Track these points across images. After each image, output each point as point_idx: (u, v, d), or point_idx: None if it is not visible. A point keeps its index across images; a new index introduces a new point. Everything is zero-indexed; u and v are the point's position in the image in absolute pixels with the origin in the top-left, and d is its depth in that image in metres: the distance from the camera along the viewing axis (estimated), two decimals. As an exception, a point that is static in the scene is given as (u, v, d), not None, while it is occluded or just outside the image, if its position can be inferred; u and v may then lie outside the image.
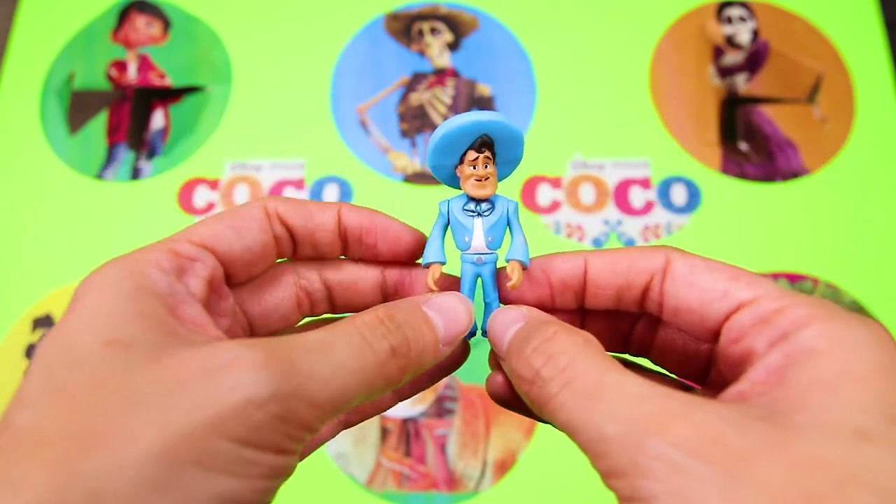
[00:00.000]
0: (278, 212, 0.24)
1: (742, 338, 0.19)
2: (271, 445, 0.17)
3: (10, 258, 0.60)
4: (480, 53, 0.66)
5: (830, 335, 0.18)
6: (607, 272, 0.23)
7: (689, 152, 0.61)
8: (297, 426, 0.18)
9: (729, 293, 0.20)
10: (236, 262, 0.23)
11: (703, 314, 0.21)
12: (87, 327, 0.19)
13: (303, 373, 0.18)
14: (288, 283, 0.26)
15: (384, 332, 0.20)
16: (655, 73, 0.64)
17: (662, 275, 0.22)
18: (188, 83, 0.66)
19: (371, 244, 0.25)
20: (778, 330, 0.18)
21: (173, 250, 0.21)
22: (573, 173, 0.61)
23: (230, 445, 0.17)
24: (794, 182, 0.60)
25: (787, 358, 0.18)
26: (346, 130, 0.64)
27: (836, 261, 0.57)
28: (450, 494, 0.52)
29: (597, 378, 0.18)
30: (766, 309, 0.19)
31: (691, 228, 0.59)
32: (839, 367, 0.17)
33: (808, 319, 0.18)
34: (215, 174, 0.62)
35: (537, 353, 0.20)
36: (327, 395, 0.18)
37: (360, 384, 0.19)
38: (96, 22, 0.69)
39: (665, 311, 0.22)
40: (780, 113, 0.63)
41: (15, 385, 0.57)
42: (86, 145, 0.64)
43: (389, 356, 0.20)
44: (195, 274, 0.21)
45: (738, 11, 0.66)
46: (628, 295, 0.23)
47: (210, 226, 0.23)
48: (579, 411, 0.18)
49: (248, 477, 0.17)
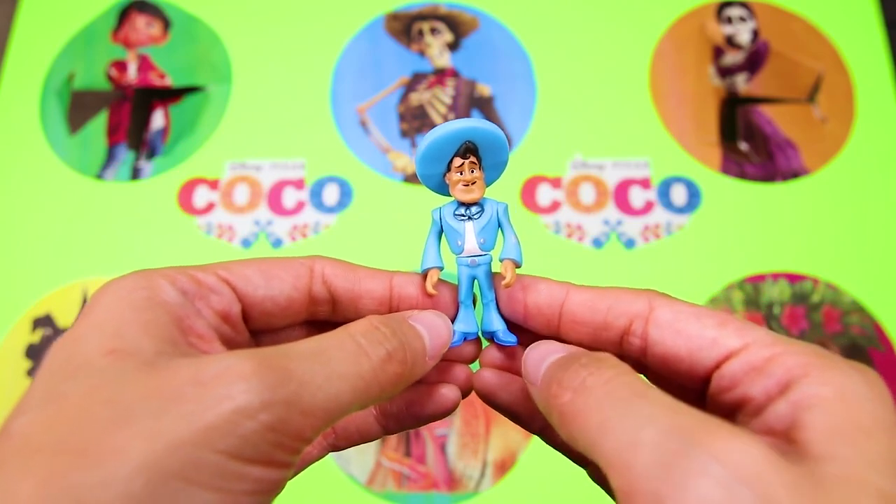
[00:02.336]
0: (324, 273, 0.24)
1: (735, 386, 0.19)
2: (262, 457, 0.17)
3: (10, 258, 0.60)
4: (480, 53, 0.66)
5: (833, 384, 0.17)
6: (586, 308, 0.23)
7: (689, 152, 0.61)
8: (290, 436, 0.17)
9: (718, 341, 0.20)
10: (256, 306, 0.23)
11: (692, 363, 0.20)
12: (92, 335, 0.19)
13: (295, 380, 0.18)
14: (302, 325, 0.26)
15: (380, 338, 0.20)
16: (655, 73, 0.64)
17: (645, 321, 0.22)
18: (188, 83, 0.66)
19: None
20: (773, 379, 0.18)
21: (195, 276, 0.21)
22: (573, 173, 0.61)
23: (217, 458, 0.16)
24: (794, 182, 0.60)
25: (794, 405, 0.17)
26: (346, 130, 0.64)
27: (836, 261, 0.57)
28: (450, 494, 0.52)
29: (640, 389, 0.18)
30: (758, 357, 0.19)
31: (691, 228, 0.59)
32: (850, 417, 0.17)
33: (805, 368, 0.18)
34: (215, 174, 0.62)
35: (583, 367, 0.19)
36: (320, 402, 0.18)
37: (354, 390, 0.19)
38: (96, 22, 0.69)
39: (651, 359, 0.22)
40: (780, 113, 0.63)
41: (15, 385, 0.57)
42: (86, 145, 0.64)
43: (385, 361, 0.20)
44: (209, 303, 0.21)
45: (738, 11, 0.66)
46: (605, 335, 0.23)
47: (242, 265, 0.23)
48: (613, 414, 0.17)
49: (234, 492, 0.16)
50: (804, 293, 0.57)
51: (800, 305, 0.56)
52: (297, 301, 0.23)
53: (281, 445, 0.17)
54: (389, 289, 0.24)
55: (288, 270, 0.23)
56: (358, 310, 0.24)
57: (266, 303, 0.23)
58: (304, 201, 0.61)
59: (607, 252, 0.58)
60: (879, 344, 0.55)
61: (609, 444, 0.16)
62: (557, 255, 0.58)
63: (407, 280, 0.25)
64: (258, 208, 0.61)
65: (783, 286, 0.57)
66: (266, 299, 0.23)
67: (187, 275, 0.21)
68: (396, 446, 0.54)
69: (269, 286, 0.23)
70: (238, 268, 0.23)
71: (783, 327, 0.56)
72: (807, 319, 0.56)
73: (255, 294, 0.23)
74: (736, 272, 0.57)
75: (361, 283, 0.24)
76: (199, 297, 0.21)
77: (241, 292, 0.22)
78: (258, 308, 0.23)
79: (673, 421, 0.16)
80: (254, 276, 0.23)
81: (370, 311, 0.24)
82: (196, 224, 0.61)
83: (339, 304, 0.24)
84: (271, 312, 0.23)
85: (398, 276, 0.25)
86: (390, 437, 0.54)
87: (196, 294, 0.21)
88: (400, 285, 0.25)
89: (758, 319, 0.56)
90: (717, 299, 0.57)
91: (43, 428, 0.17)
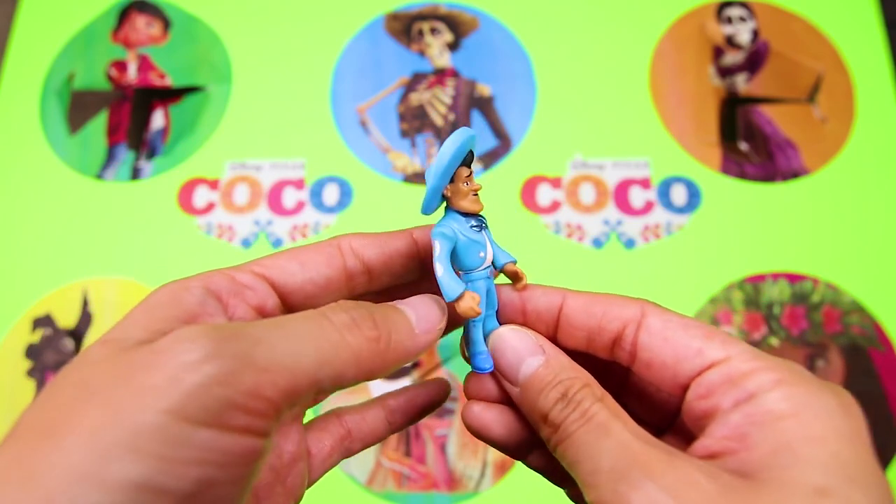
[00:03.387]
0: (353, 246, 0.25)
1: (710, 395, 0.20)
2: (209, 417, 0.16)
3: (10, 258, 0.60)
4: (480, 53, 0.66)
5: (793, 399, 0.19)
6: (581, 312, 0.24)
7: (688, 152, 0.61)
8: (243, 392, 0.17)
9: (703, 351, 0.21)
10: (297, 292, 0.24)
11: (676, 370, 0.21)
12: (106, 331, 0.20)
13: (248, 338, 0.17)
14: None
15: (344, 307, 0.21)
16: (655, 73, 0.64)
17: (637, 326, 0.23)
18: (188, 83, 0.66)
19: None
20: (745, 391, 0.20)
21: (232, 276, 0.22)
22: (573, 173, 0.61)
23: (159, 418, 0.16)
24: (794, 182, 0.60)
25: (747, 418, 0.19)
26: (346, 130, 0.64)
27: (836, 261, 0.57)
28: (450, 494, 0.52)
29: (606, 422, 0.20)
30: (737, 370, 0.20)
31: (691, 228, 0.59)
32: (800, 430, 0.18)
33: (774, 384, 0.19)
34: (215, 174, 0.62)
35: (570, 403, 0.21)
36: (277, 357, 0.18)
37: (317, 350, 0.19)
38: (96, 22, 0.69)
39: (637, 364, 0.23)
40: (780, 113, 0.63)
41: (15, 385, 0.57)
42: (86, 145, 0.64)
43: (350, 326, 0.20)
44: (244, 300, 0.22)
45: (738, 11, 0.66)
46: (599, 339, 0.24)
47: (277, 258, 0.24)
48: (585, 447, 0.20)
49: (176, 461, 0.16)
50: (804, 293, 0.57)
51: (800, 305, 0.56)
52: (334, 279, 0.24)
53: (233, 403, 0.16)
54: (414, 243, 0.25)
55: (318, 252, 0.24)
56: (393, 272, 0.25)
57: (306, 286, 0.24)
58: (304, 201, 0.61)
59: (607, 252, 0.58)
60: (879, 344, 0.55)
61: (581, 469, 0.20)
62: (557, 255, 0.58)
63: (425, 232, 0.26)
64: (258, 208, 0.61)
65: (783, 286, 0.57)
66: (305, 283, 0.24)
67: (224, 275, 0.22)
68: (396, 446, 0.54)
69: (305, 270, 0.24)
70: (271, 261, 0.24)
71: (783, 327, 0.56)
72: (807, 319, 0.56)
73: (293, 280, 0.24)
74: (736, 272, 0.57)
75: (388, 245, 0.25)
76: (234, 294, 0.22)
77: (279, 283, 0.23)
78: (300, 293, 0.24)
79: (623, 453, 0.19)
80: (288, 264, 0.24)
81: (404, 268, 0.25)
82: (196, 224, 0.61)
83: (373, 271, 0.25)
84: (312, 294, 0.24)
85: (417, 231, 0.26)
86: (390, 437, 0.54)
87: (230, 292, 0.22)
88: (420, 237, 0.25)
89: (758, 319, 0.56)
90: (717, 299, 0.57)
91: (31, 413, 0.18)
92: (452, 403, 0.54)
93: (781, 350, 0.55)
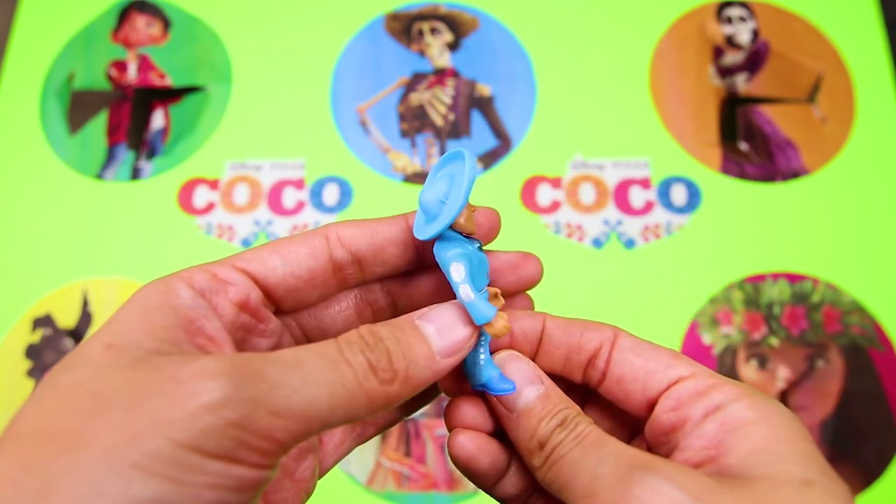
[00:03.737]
0: (340, 236, 0.24)
1: (679, 406, 0.22)
2: (223, 452, 0.17)
3: (10, 258, 0.60)
4: (480, 53, 0.66)
5: (757, 409, 0.21)
6: (561, 331, 0.24)
7: (688, 152, 0.61)
8: (257, 434, 0.17)
9: (672, 366, 0.23)
10: (279, 286, 0.23)
11: (646, 383, 0.23)
12: (99, 333, 0.19)
13: (268, 381, 0.18)
14: (345, 297, 0.25)
15: (361, 347, 0.20)
16: (655, 73, 0.64)
17: (611, 345, 0.24)
18: (188, 83, 0.66)
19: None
20: (713, 402, 0.21)
21: (212, 272, 0.22)
22: (573, 173, 0.61)
23: (174, 449, 0.16)
24: (794, 182, 0.60)
25: (722, 426, 0.21)
26: (346, 130, 0.64)
27: (836, 261, 0.57)
28: (450, 494, 0.52)
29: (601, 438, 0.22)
30: (704, 384, 0.22)
31: (691, 228, 0.59)
32: (771, 432, 0.20)
33: (738, 396, 0.21)
34: (215, 174, 0.62)
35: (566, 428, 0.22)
36: (295, 404, 0.18)
37: (331, 396, 0.19)
38: (96, 22, 0.69)
39: (608, 380, 0.24)
40: (780, 113, 0.63)
41: (15, 385, 0.57)
42: (86, 145, 0.64)
43: (367, 370, 0.19)
44: (225, 296, 0.22)
45: (738, 11, 0.66)
46: (576, 358, 0.24)
47: (257, 251, 0.23)
48: (581, 461, 0.21)
49: (192, 485, 0.17)
50: (804, 293, 0.57)
51: (800, 305, 0.56)
52: (319, 270, 0.23)
53: (246, 443, 0.17)
54: (409, 229, 0.24)
55: (303, 243, 0.23)
56: (385, 261, 0.24)
57: (288, 279, 0.23)
58: (304, 201, 0.61)
59: (607, 252, 0.58)
60: (879, 344, 0.55)
61: (577, 484, 0.21)
62: (557, 255, 0.58)
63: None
64: (258, 208, 0.61)
65: (783, 286, 0.57)
66: (287, 276, 0.23)
67: (205, 272, 0.22)
68: (396, 446, 0.54)
69: (287, 262, 0.23)
70: (252, 254, 0.23)
71: (783, 327, 0.56)
72: (807, 319, 0.56)
73: (275, 274, 0.23)
74: (736, 272, 0.57)
75: (379, 233, 0.24)
76: (215, 292, 0.21)
77: (260, 276, 0.23)
78: (283, 286, 0.23)
79: (620, 458, 0.20)
80: (269, 256, 0.23)
81: (397, 257, 0.24)
82: (196, 224, 0.61)
83: (363, 261, 0.24)
84: (297, 287, 0.23)
85: (412, 216, 0.24)
86: (390, 437, 0.54)
87: (213, 289, 0.21)
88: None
89: (758, 319, 0.56)
90: (717, 299, 0.57)
91: (30, 416, 0.17)
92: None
93: (781, 350, 0.55)
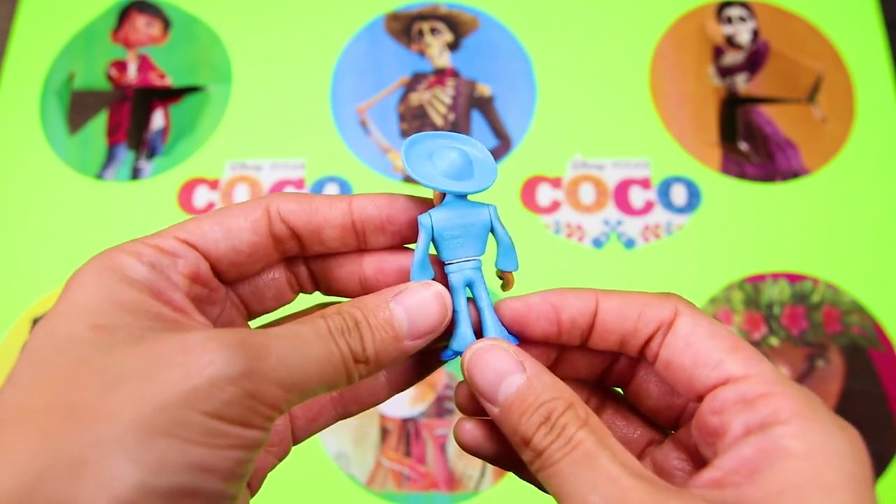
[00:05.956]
0: (280, 211, 0.23)
1: (722, 411, 0.20)
2: (240, 419, 0.18)
3: (10, 258, 0.60)
4: (480, 53, 0.66)
5: (807, 438, 0.18)
6: (616, 315, 0.23)
7: (689, 152, 0.61)
8: (265, 404, 0.19)
9: (722, 364, 0.21)
10: (222, 259, 0.23)
11: (692, 376, 0.21)
12: (74, 315, 0.19)
13: (273, 355, 0.19)
14: (277, 267, 0.25)
15: (344, 330, 0.21)
16: (655, 73, 0.64)
17: (668, 328, 0.22)
18: (188, 83, 0.66)
19: (395, 232, 0.24)
20: (757, 416, 0.19)
21: (157, 245, 0.22)
22: (573, 173, 0.61)
23: (202, 418, 0.18)
24: (794, 182, 0.60)
25: (760, 453, 0.19)
26: (346, 130, 0.64)
27: (836, 261, 0.57)
28: (450, 494, 0.52)
29: (592, 451, 0.20)
30: (753, 391, 0.20)
31: (691, 228, 0.59)
32: (811, 474, 0.18)
33: (789, 415, 0.19)
34: (215, 174, 0.62)
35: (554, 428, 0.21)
36: (295, 378, 0.20)
37: (321, 375, 0.20)
38: (96, 22, 0.69)
39: (658, 362, 0.23)
40: (780, 113, 0.63)
41: (15, 385, 0.57)
42: (86, 145, 0.64)
43: (348, 353, 0.21)
44: (176, 269, 0.22)
45: (738, 11, 0.66)
46: (632, 342, 0.23)
47: (198, 223, 0.23)
48: (571, 478, 0.20)
49: (218, 447, 0.18)
50: (804, 293, 0.57)
51: (800, 305, 0.56)
52: (260, 245, 0.23)
53: (257, 411, 0.19)
54: (350, 213, 0.24)
55: (244, 216, 0.23)
56: (323, 241, 0.24)
57: (230, 254, 0.23)
58: (304, 201, 0.61)
59: (607, 252, 0.58)
60: (879, 344, 0.55)
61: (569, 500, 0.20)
62: (557, 255, 0.58)
63: (367, 202, 0.24)
64: (258, 208, 0.61)
65: (783, 286, 0.57)
66: (229, 251, 0.23)
67: (149, 245, 0.22)
68: (396, 446, 0.54)
69: (229, 237, 0.23)
70: (194, 226, 0.23)
71: (783, 327, 0.56)
72: (807, 319, 0.56)
73: (217, 248, 0.23)
74: (736, 272, 0.57)
75: (319, 213, 0.24)
76: (165, 265, 0.21)
77: (202, 250, 0.23)
78: (225, 261, 0.23)
79: (611, 490, 0.19)
80: (210, 230, 0.23)
81: (335, 240, 0.24)
82: (196, 224, 0.61)
83: (302, 238, 0.24)
84: (238, 262, 0.23)
85: (357, 199, 0.24)
86: (390, 437, 0.54)
87: (162, 263, 0.21)
88: (360, 208, 0.24)
89: (758, 319, 0.56)
90: (717, 299, 0.57)
91: (34, 395, 0.18)
92: (453, 403, 0.54)
93: (781, 350, 0.55)
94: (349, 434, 0.54)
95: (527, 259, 0.61)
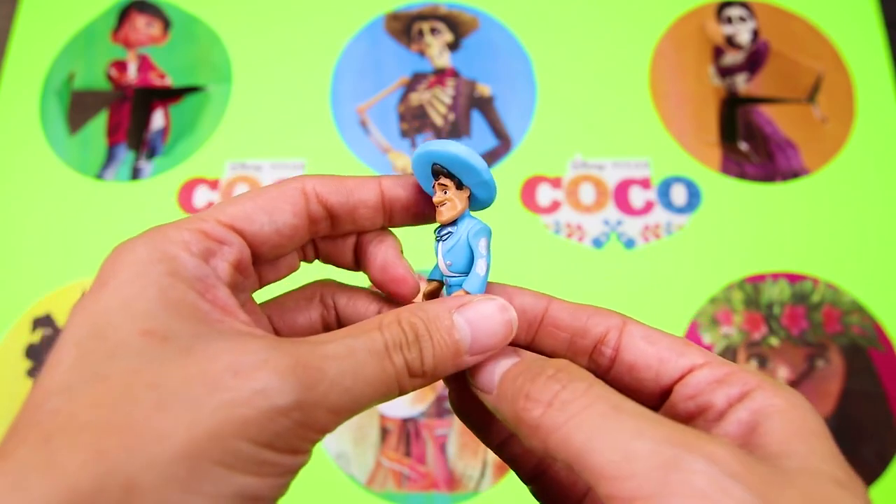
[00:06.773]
0: (317, 191, 0.23)
1: (698, 395, 0.21)
2: (289, 448, 0.18)
3: (10, 258, 0.60)
4: (480, 53, 0.66)
5: (782, 396, 0.20)
6: (567, 314, 0.24)
7: (689, 152, 0.61)
8: (316, 430, 0.19)
9: (685, 354, 0.22)
10: (265, 243, 0.23)
11: (659, 370, 0.22)
12: (121, 312, 0.19)
13: (327, 380, 0.19)
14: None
15: (401, 344, 0.21)
16: (655, 73, 0.64)
17: (619, 331, 0.23)
18: (188, 83, 0.66)
19: (419, 213, 0.25)
20: (734, 389, 0.20)
21: (203, 231, 0.21)
22: (573, 173, 0.61)
23: (252, 448, 0.18)
24: (794, 182, 0.60)
25: (755, 413, 0.20)
26: (346, 130, 0.64)
27: (836, 261, 0.57)
28: (450, 494, 0.52)
29: (616, 402, 0.18)
30: (719, 372, 0.21)
31: (691, 228, 0.59)
32: (800, 423, 0.19)
33: (758, 384, 0.20)
34: (215, 174, 0.62)
35: (552, 380, 0.19)
36: (346, 402, 0.19)
37: (374, 393, 0.20)
38: (96, 22, 0.69)
39: (617, 367, 0.23)
40: (780, 113, 0.63)
41: (15, 385, 0.57)
42: (86, 145, 0.64)
43: (405, 369, 0.21)
44: (223, 257, 0.21)
45: (738, 11, 0.66)
46: (581, 343, 0.23)
47: (240, 205, 0.22)
48: (599, 430, 0.18)
49: (266, 475, 0.18)
50: (804, 293, 0.57)
51: (800, 305, 0.56)
52: (300, 227, 0.23)
53: (306, 438, 0.19)
54: (381, 194, 0.24)
55: (283, 199, 0.23)
56: (356, 221, 0.24)
57: (273, 237, 0.23)
58: (304, 201, 0.61)
59: (607, 252, 0.58)
60: (879, 344, 0.55)
61: (601, 458, 0.17)
62: (557, 255, 0.58)
63: (395, 182, 0.25)
64: (258, 208, 0.61)
65: (783, 286, 0.57)
66: (274, 233, 0.23)
67: (196, 233, 0.21)
68: (396, 446, 0.54)
69: (273, 220, 0.23)
70: (237, 209, 0.22)
71: (783, 327, 0.56)
72: (807, 319, 0.56)
73: (262, 232, 0.23)
74: (736, 272, 0.57)
75: (354, 194, 0.24)
76: (212, 254, 0.21)
77: (248, 234, 0.22)
78: (268, 244, 0.23)
79: (660, 432, 0.17)
80: (255, 213, 0.22)
81: (367, 219, 0.25)
82: (196, 224, 0.61)
83: (336, 218, 0.24)
84: (279, 244, 0.23)
85: (386, 180, 0.25)
86: (390, 437, 0.54)
87: (209, 252, 0.21)
88: (389, 189, 0.24)
89: (758, 319, 0.56)
90: (717, 299, 0.57)
91: (88, 407, 0.17)
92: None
93: (782, 350, 0.55)
94: (349, 434, 0.54)
95: (527, 259, 0.61)
